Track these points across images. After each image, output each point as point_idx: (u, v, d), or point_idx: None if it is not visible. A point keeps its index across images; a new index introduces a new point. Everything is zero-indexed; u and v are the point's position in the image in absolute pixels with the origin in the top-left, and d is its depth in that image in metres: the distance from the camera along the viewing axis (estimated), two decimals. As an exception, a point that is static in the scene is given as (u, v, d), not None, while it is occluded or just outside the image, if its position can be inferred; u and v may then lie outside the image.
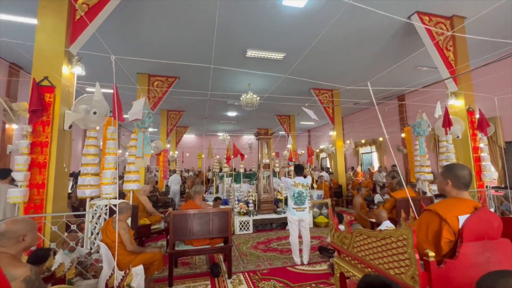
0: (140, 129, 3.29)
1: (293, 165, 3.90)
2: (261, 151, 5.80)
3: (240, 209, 5.24)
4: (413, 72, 7.86)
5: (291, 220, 3.53)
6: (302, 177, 3.64)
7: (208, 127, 16.41)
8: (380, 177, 8.09)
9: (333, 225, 1.87)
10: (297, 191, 3.50)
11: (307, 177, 3.69)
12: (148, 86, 7.37)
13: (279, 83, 8.40)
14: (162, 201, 6.79)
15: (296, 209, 3.49)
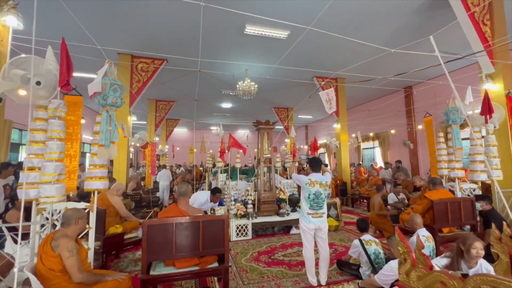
0: (102, 107, 2.42)
1: (307, 159, 3.10)
2: (261, 143, 5.00)
3: (237, 211, 4.45)
4: (427, 59, 7.14)
5: (305, 229, 2.76)
6: (319, 173, 2.87)
7: (201, 119, 15.49)
8: (387, 173, 7.41)
9: (409, 257, 1.10)
10: (314, 191, 2.73)
11: (326, 174, 2.92)
12: (131, 69, 6.43)
13: (280, 69, 7.57)
14: (147, 200, 5.94)
15: (312, 215, 2.72)
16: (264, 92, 9.53)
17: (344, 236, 4.53)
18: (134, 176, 6.18)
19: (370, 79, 7.19)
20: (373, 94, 10.33)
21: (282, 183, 5.80)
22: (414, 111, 9.21)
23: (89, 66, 6.43)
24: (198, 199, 3.92)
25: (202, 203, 3.90)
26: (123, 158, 6.10)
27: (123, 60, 6.36)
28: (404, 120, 9.60)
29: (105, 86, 2.34)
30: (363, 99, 11.09)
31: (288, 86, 9.05)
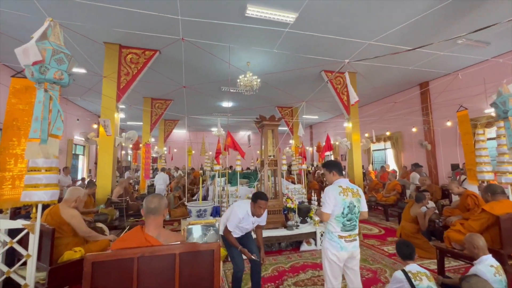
0: (38, 84, 1.69)
1: (323, 164, 2.33)
2: (265, 142, 4.26)
3: (236, 223, 3.68)
4: (452, 48, 6.37)
5: (335, 259, 1.96)
6: (347, 179, 2.13)
7: (200, 121, 14.82)
8: (417, 178, 6.45)
9: None
10: (348, 203, 1.99)
11: None
12: (119, 60, 5.74)
13: (284, 62, 6.85)
14: (135, 208, 5.20)
15: (345, 239, 1.97)
16: (267, 90, 8.82)
17: (367, 254, 3.75)
18: (121, 180, 5.45)
19: (390, 65, 6.42)
20: (385, 91, 9.57)
21: (290, 189, 5.05)
22: (432, 108, 8.43)
23: None
24: (234, 214, 2.45)
25: (240, 219, 2.43)
26: (109, 159, 5.39)
27: (110, 50, 5.68)
28: (419, 118, 8.81)
29: (43, 53, 1.62)
30: (373, 97, 10.32)
31: (293, 82, 8.33)
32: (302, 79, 8.08)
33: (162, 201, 1.59)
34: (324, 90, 8.31)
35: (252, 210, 2.46)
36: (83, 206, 4.22)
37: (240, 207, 2.51)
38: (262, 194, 2.45)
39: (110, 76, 5.58)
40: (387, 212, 5.82)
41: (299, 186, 5.32)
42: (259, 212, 2.42)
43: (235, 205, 2.59)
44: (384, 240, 4.39)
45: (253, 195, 2.48)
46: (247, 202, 2.55)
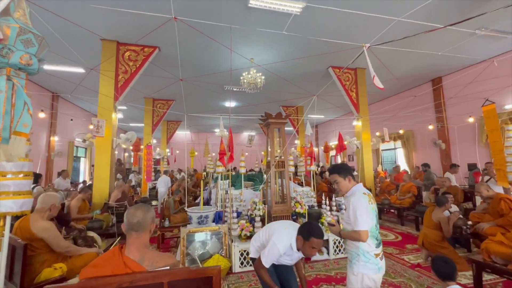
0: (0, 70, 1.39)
1: (332, 168, 1.91)
2: (271, 142, 3.92)
3: (241, 231, 3.37)
4: (466, 41, 5.97)
5: (370, 285, 1.60)
6: (361, 183, 1.85)
7: (203, 122, 14.57)
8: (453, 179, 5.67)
9: None
10: (376, 211, 1.71)
11: None
12: (116, 58, 5.49)
13: (290, 57, 6.52)
14: (133, 213, 4.91)
15: (380, 256, 1.65)
16: (271, 88, 8.50)
17: (387, 265, 3.36)
18: (119, 183, 5.17)
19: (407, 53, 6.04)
20: (394, 88, 9.16)
21: (298, 192, 4.70)
22: (445, 105, 8.00)
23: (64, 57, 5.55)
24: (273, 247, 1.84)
25: (281, 254, 1.85)
26: (106, 161, 5.12)
27: (107, 48, 5.43)
28: (432, 116, 8.38)
29: (6, 32, 1.32)
30: (382, 95, 9.91)
31: (299, 80, 7.99)
32: (309, 76, 7.74)
33: (147, 214, 1.27)
34: (331, 88, 7.97)
35: (298, 246, 1.78)
36: (77, 212, 3.95)
37: (282, 239, 1.82)
38: (317, 230, 1.76)
39: (107, 74, 5.32)
40: (402, 215, 5.43)
41: (308, 189, 4.97)
42: (310, 252, 1.76)
43: (274, 234, 1.88)
44: (403, 248, 4.01)
45: (304, 229, 1.80)
46: (291, 233, 1.85)
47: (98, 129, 4.43)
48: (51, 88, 8.54)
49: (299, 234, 1.80)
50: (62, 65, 6.43)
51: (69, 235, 2.87)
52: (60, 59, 5.86)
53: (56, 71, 6.78)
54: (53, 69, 6.61)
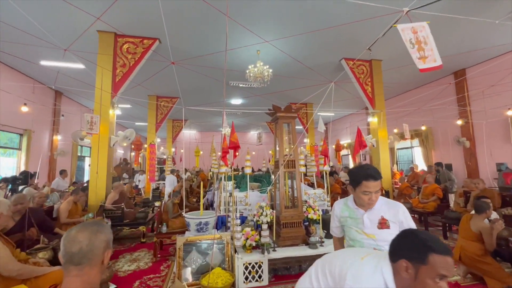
0: None
1: (354, 169, 1.53)
2: (280, 138, 3.48)
3: (245, 240, 2.93)
4: (490, 30, 5.34)
5: None
6: None
7: (209, 121, 14.24)
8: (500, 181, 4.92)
9: None
10: None
11: None
12: (114, 50, 5.16)
13: (299, 50, 6.05)
14: (131, 216, 4.56)
15: None
16: (278, 83, 8.05)
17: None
18: (116, 184, 4.84)
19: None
20: (413, 82, 8.53)
21: (310, 195, 4.24)
22: (470, 99, 7.33)
23: (58, 51, 5.27)
24: None
25: None
26: (103, 161, 4.80)
27: (104, 40, 5.11)
28: (454, 112, 7.71)
29: None
30: (398, 90, 9.28)
31: (308, 74, 7.49)
32: (320, 69, 7.22)
33: (97, 237, 0.86)
34: (342, 83, 7.45)
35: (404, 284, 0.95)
36: (67, 216, 3.62)
37: (364, 278, 0.98)
38: (438, 242, 0.94)
39: (104, 68, 5.00)
40: (426, 221, 4.87)
41: (320, 191, 4.49)
42: None
43: (348, 273, 1.00)
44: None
45: (412, 245, 0.96)
46: (377, 263, 1.00)
47: (91, 125, 4.10)
48: (53, 85, 8.36)
49: (402, 258, 0.94)
50: (60, 61, 6.17)
51: (48, 245, 2.52)
52: (54, 53, 5.60)
53: (57, 67, 6.55)
54: (52, 64, 6.38)
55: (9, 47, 5.61)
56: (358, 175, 1.43)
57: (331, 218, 1.70)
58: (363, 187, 1.39)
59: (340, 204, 1.63)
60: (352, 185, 1.49)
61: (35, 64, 6.41)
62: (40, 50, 5.80)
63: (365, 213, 1.47)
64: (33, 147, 7.48)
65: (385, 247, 1.36)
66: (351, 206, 1.54)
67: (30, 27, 4.72)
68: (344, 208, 1.58)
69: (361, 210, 1.48)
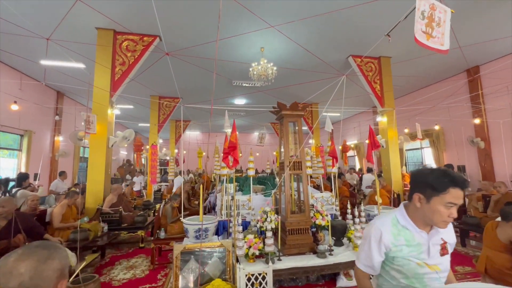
0: None
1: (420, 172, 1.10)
2: (285, 138, 3.24)
3: (248, 248, 2.70)
4: (506, 24, 5.03)
5: None
6: None
7: (213, 121, 14.06)
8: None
9: None
10: None
11: None
12: (113, 48, 5.00)
13: (305, 46, 5.81)
14: (129, 220, 4.37)
15: None
16: (283, 82, 7.82)
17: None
18: (114, 186, 4.66)
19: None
20: (423, 80, 8.20)
21: (317, 199, 3.99)
22: (484, 98, 6.98)
23: (57, 49, 5.14)
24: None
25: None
26: (101, 162, 4.62)
27: (103, 37, 4.95)
28: (467, 111, 7.37)
29: None
30: (408, 88, 8.95)
31: (314, 72, 7.25)
32: (326, 66, 6.96)
33: (46, 267, 0.64)
34: (351, 76, 7.16)
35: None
36: (61, 220, 3.43)
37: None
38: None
39: (103, 66, 4.84)
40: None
41: (328, 195, 4.23)
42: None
43: None
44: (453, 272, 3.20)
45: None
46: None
47: (89, 125, 3.93)
48: (56, 86, 8.27)
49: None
50: (61, 60, 6.05)
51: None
52: (52, 51, 5.46)
53: (58, 68, 6.44)
54: (53, 64, 6.27)
55: (7, 45, 5.51)
56: (441, 180, 1.00)
57: (365, 247, 1.12)
58: (449, 196, 0.98)
59: (387, 225, 1.09)
60: (427, 194, 1.02)
61: (34, 62, 6.30)
62: (40, 49, 5.68)
63: (427, 235, 1.06)
64: (34, 148, 7.38)
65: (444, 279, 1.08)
66: (409, 228, 1.07)
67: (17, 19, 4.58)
68: (397, 232, 1.07)
69: (423, 232, 1.07)
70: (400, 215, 1.11)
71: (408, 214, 1.10)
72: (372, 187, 4.61)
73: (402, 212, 1.12)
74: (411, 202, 1.10)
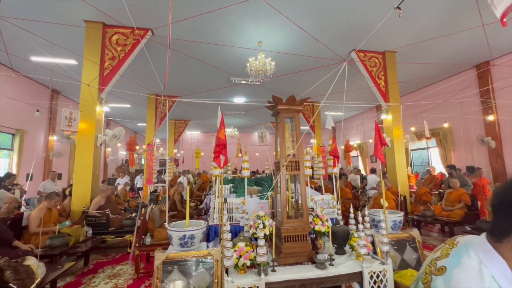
0: None
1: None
2: (281, 135, 2.95)
3: (238, 257, 2.40)
4: None
5: None
6: None
7: (214, 121, 13.82)
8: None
9: None
10: None
11: None
12: (102, 42, 4.75)
13: (305, 43, 5.51)
14: (117, 223, 4.10)
15: None
16: (282, 79, 7.53)
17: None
18: (103, 187, 4.40)
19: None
20: (430, 77, 7.86)
21: (317, 201, 3.69)
22: (495, 95, 6.62)
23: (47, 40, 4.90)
24: None
25: None
26: (88, 161, 4.37)
27: (92, 30, 4.71)
28: (476, 107, 7.01)
29: None
30: (413, 86, 8.61)
31: (315, 69, 6.95)
32: (326, 61, 6.65)
33: None
34: (351, 79, 6.86)
35: None
36: (38, 225, 3.17)
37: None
38: None
39: (91, 61, 4.60)
40: (452, 231, 4.24)
41: (329, 197, 3.93)
42: None
43: None
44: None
45: None
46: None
47: (70, 122, 3.67)
48: (49, 84, 8.07)
49: None
50: (52, 57, 5.82)
51: (-8, 264, 2.06)
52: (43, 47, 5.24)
53: (52, 65, 6.21)
54: (43, 60, 6.05)
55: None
56: None
57: None
58: None
59: (475, 277, 0.64)
60: None
61: (26, 60, 6.09)
62: (30, 45, 5.46)
63: None
64: (26, 148, 7.17)
65: None
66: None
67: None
68: None
69: None
70: (497, 271, 0.64)
71: (509, 265, 0.65)
72: (377, 189, 4.29)
73: (499, 263, 0.65)
74: (504, 243, 0.66)
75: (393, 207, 4.03)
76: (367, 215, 3.00)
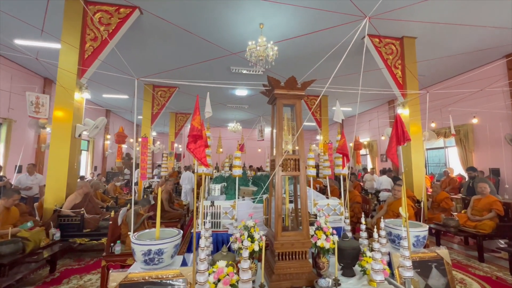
0: None
1: None
2: (278, 127, 2.36)
3: (216, 283, 1.85)
4: None
5: None
6: None
7: (216, 115, 13.30)
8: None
9: None
10: None
11: None
12: (83, 20, 4.23)
13: (311, 21, 4.87)
14: (92, 224, 3.62)
15: None
16: (286, 70, 6.91)
17: None
18: (81, 183, 3.93)
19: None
20: (453, 69, 7.08)
21: (321, 207, 3.12)
22: (528, 89, 5.83)
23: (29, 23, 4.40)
24: None
25: None
26: (64, 154, 3.90)
27: (71, 6, 4.19)
28: (507, 100, 6.22)
29: None
30: (434, 78, 7.81)
31: (323, 58, 6.29)
32: (336, 51, 5.99)
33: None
34: (363, 70, 6.17)
35: None
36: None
37: None
38: None
39: (70, 42, 4.09)
40: (481, 246, 3.60)
41: (336, 202, 3.34)
42: None
43: None
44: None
45: None
46: None
47: (37, 107, 3.19)
48: (42, 71, 7.67)
49: None
50: (36, 40, 5.35)
51: None
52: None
53: (35, 48, 5.76)
54: (27, 44, 5.59)
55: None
56: None
57: None
58: None
59: None
60: None
61: (10, 45, 5.65)
62: (13, 28, 5.00)
63: None
64: (15, 138, 6.80)
65: None
66: None
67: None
68: None
69: None
70: None
71: None
72: (393, 194, 3.67)
73: None
74: None
75: (411, 216, 3.41)
76: (383, 228, 2.41)
